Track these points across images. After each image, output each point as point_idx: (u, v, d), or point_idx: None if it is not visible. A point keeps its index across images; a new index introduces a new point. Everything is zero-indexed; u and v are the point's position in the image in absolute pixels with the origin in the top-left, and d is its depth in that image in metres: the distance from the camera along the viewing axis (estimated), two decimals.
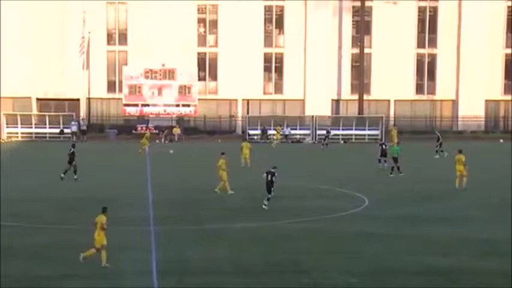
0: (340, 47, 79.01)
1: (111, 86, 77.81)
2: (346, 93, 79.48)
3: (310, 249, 23.84)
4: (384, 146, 48.41)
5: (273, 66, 79.67)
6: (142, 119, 74.88)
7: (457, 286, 19.65)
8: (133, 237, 25.21)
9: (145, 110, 73.88)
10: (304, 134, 74.10)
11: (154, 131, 72.18)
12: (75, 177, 39.99)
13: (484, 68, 78.01)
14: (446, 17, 79.18)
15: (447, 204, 33.02)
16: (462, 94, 78.95)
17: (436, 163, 49.04)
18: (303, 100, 78.96)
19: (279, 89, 79.73)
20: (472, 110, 78.28)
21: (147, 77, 73.55)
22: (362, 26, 77.58)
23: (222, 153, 36.84)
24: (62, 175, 40.27)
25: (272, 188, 31.06)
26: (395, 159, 43.91)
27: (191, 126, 77.41)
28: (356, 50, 77.99)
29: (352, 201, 33.66)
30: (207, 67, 79.31)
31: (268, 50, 79.24)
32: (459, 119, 77.86)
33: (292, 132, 73.82)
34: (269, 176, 31.14)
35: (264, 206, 31.13)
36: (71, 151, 40.90)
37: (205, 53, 79.26)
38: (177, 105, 74.46)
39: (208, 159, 51.90)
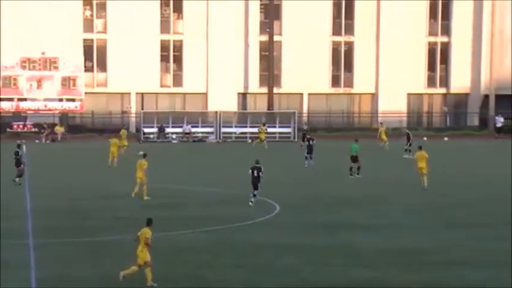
0: (246, 34, 79.03)
1: None
2: (254, 86, 79.59)
3: (213, 262, 23.49)
4: (310, 142, 48.52)
5: (171, 56, 79.02)
6: (19, 115, 73.07)
7: None
8: (9, 252, 24.42)
9: (22, 105, 72.25)
10: (207, 132, 73.76)
11: (33, 129, 70.48)
12: None
13: (405, 58, 79.45)
14: (364, 0, 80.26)
15: (371, 210, 33.19)
16: (382, 87, 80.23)
17: (365, 164, 49.34)
18: (206, 94, 78.64)
19: (178, 81, 79.15)
20: (393, 105, 79.62)
21: (24, 67, 71.87)
22: (271, 10, 77.75)
23: (144, 155, 36.82)
24: None
25: (259, 183, 33.14)
26: (354, 158, 43.65)
27: (77, 123, 76.10)
28: (265, 38, 78.15)
29: (262, 207, 33.48)
30: (94, 56, 78.02)
31: (166, 36, 78.54)
32: (379, 115, 79.08)
33: (194, 130, 73.39)
34: (255, 172, 33.23)
35: (250, 203, 33.00)
36: None
37: (92, 40, 77.94)
38: (60, 100, 73.01)
39: (97, 161, 51.19)
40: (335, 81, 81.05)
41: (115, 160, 49.55)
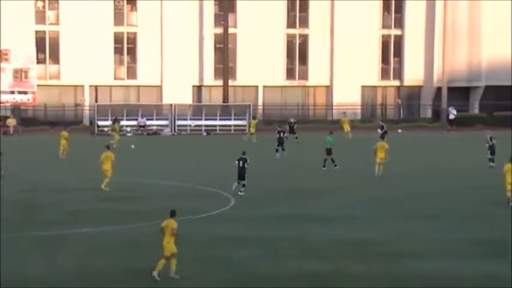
0: (201, 27, 79.05)
1: None
2: (209, 79, 79.66)
3: None
4: (281, 134, 48.77)
5: (125, 48, 78.76)
6: None
7: None
8: None
9: None
10: (162, 125, 73.71)
11: None
12: None
13: (360, 50, 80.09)
14: None
15: (327, 202, 33.62)
16: (337, 79, 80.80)
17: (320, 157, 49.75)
18: (160, 86, 78.53)
19: (132, 73, 78.93)
20: (347, 97, 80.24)
21: None
22: (226, 2, 77.86)
23: (107, 147, 37.15)
24: None
25: (245, 174, 34.22)
26: (328, 151, 44.01)
27: (29, 116, 75.46)
28: (219, 30, 78.26)
29: (217, 200, 33.71)
30: (47, 48, 77.45)
31: (119, 28, 78.24)
32: (334, 107, 79.68)
33: (148, 122, 73.29)
34: (241, 163, 34.38)
35: (240, 193, 33.97)
36: None
37: (44, 32, 77.34)
38: (12, 92, 72.40)
39: (49, 155, 50.97)
40: (290, 74, 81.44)
41: (65, 152, 49.63)
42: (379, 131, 56.99)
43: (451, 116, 76.28)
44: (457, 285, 20.43)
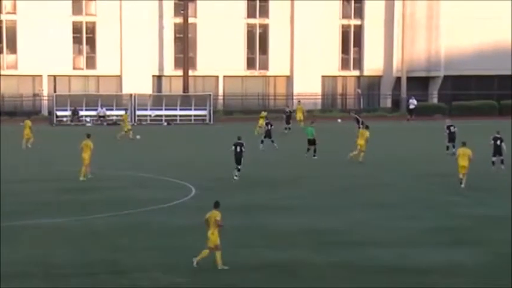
0: (161, 16, 78.76)
1: None
2: (169, 69, 79.45)
3: (130, 246, 23.66)
4: (269, 126, 48.79)
5: (84, 37, 78.21)
6: None
7: (295, 280, 20.14)
8: None
9: None
10: (121, 115, 73.30)
11: None
12: None
13: (320, 40, 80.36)
14: None
15: (287, 192, 33.80)
16: (297, 69, 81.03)
17: (286, 147, 49.95)
18: (120, 76, 78.14)
19: (91, 63, 78.43)
20: (307, 87, 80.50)
21: None
22: None
23: (88, 135, 37.53)
24: None
25: (242, 158, 35.67)
26: (310, 141, 43.91)
27: None
28: (179, 20, 78.02)
29: (178, 190, 33.73)
30: (3, 37, 76.66)
31: (78, 18, 77.67)
32: (294, 97, 79.91)
33: (108, 113, 72.91)
34: (238, 148, 35.73)
35: (235, 177, 35.57)
36: None
37: (1, 21, 76.53)
38: None
39: (10, 145, 50.48)
40: (250, 64, 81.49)
41: (29, 142, 49.31)
42: (356, 124, 56.29)
43: (411, 106, 76.92)
44: (417, 273, 20.72)
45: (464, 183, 34.08)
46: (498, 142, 39.34)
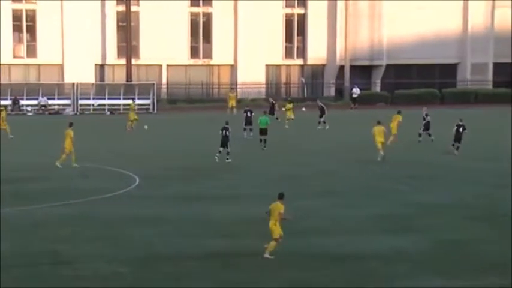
0: (103, 4, 77.95)
1: None
2: (112, 57, 78.73)
3: (72, 236, 23.45)
4: (248, 114, 48.54)
5: (24, 25, 77.04)
6: None
7: (235, 269, 20.11)
8: None
9: None
10: (63, 104, 72.58)
11: None
12: None
13: (264, 29, 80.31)
14: None
15: (227, 181, 33.76)
16: (241, 58, 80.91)
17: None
18: (61, 65, 77.18)
19: (31, 52, 77.30)
20: (252, 76, 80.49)
21: None
22: None
23: (70, 124, 37.81)
24: None
25: (228, 142, 37.57)
26: (262, 131, 43.35)
27: None
28: (122, 8, 77.32)
29: (121, 180, 33.52)
30: None
31: (17, 5, 76.50)
32: (238, 86, 79.83)
33: (50, 102, 72.04)
34: (224, 132, 37.70)
35: (227, 160, 37.60)
36: None
37: None
38: None
39: None
40: (194, 53, 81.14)
41: None
42: (320, 116, 56.09)
43: (354, 95, 77.41)
44: (359, 260, 20.84)
45: (381, 156, 37.95)
46: (460, 129, 40.57)
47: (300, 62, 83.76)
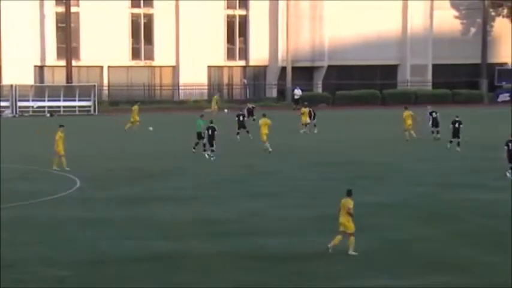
0: (42, 5, 76.99)
1: None
2: (52, 59, 77.81)
3: (12, 240, 23.01)
4: (241, 118, 48.62)
5: None
6: None
7: (177, 271, 19.92)
8: None
9: None
10: (2, 106, 71.48)
11: None
12: None
13: (205, 31, 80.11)
14: None
15: (171, 182, 33.52)
16: (183, 60, 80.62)
17: (172, 136, 49.43)
18: None
19: None
20: (194, 77, 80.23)
21: None
22: None
23: (61, 125, 37.38)
24: None
25: (214, 141, 39.12)
26: (199, 135, 42.31)
27: None
28: (61, 8, 76.44)
29: (62, 182, 33.08)
30: None
31: None
32: (180, 87, 79.52)
33: None
34: (209, 131, 39.13)
35: (212, 158, 39.08)
36: None
37: None
38: None
39: None
40: (135, 54, 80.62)
41: None
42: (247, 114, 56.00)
43: (296, 96, 77.63)
44: (301, 260, 20.80)
45: (268, 148, 40.77)
46: (457, 125, 41.06)
47: (242, 63, 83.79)
